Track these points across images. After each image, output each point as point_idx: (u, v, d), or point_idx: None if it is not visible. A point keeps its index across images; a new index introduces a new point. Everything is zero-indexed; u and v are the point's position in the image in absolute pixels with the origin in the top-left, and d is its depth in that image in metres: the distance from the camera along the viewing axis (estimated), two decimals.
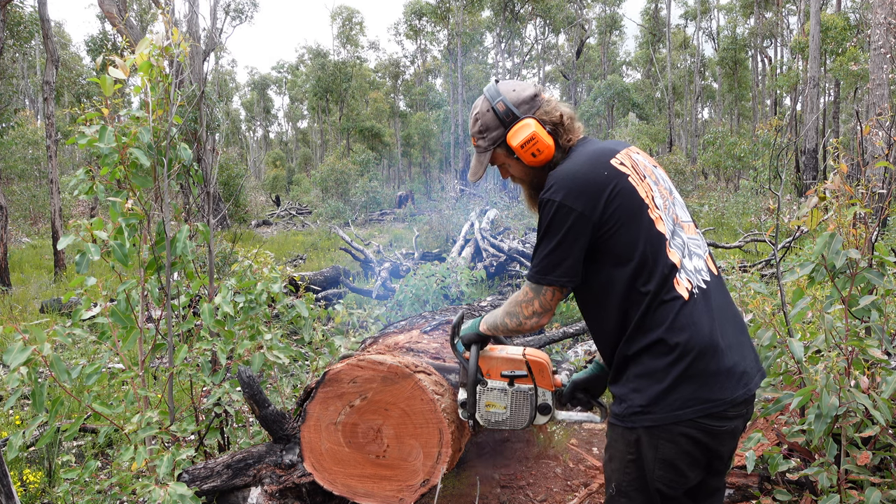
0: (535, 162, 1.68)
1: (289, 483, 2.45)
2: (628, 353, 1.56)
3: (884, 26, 9.51)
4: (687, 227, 1.66)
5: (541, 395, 1.86)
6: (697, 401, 1.48)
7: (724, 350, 1.51)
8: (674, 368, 1.49)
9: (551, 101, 1.72)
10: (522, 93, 1.70)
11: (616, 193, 1.54)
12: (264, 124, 63.99)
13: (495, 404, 1.87)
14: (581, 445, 3.69)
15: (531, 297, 1.63)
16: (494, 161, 1.78)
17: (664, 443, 1.51)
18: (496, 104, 1.70)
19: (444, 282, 5.92)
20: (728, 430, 1.53)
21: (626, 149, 1.68)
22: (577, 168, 1.59)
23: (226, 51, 51.97)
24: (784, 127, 19.98)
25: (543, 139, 1.65)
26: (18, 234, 16.64)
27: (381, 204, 25.17)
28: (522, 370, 1.85)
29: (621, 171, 1.58)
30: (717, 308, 1.56)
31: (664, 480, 1.54)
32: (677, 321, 1.50)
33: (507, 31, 32.44)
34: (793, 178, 18.32)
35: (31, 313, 7.46)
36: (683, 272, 1.55)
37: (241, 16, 35.05)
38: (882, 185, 6.73)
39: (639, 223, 1.54)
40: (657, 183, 1.65)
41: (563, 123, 1.69)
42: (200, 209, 6.54)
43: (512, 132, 1.67)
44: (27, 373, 2.18)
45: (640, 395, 1.52)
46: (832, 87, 27.03)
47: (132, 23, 14.88)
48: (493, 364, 1.88)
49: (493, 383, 1.87)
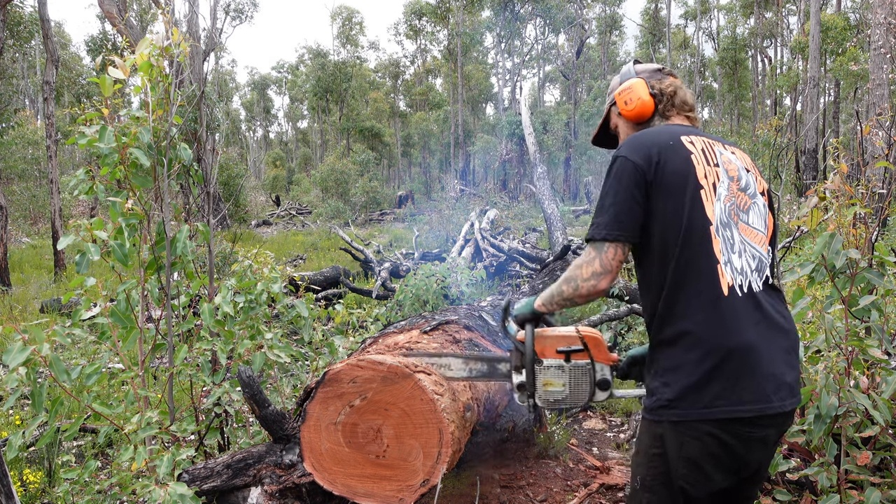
0: (628, 113, 1.77)
1: (289, 483, 2.45)
2: (660, 336, 1.54)
3: (884, 26, 9.51)
4: (752, 233, 1.61)
5: (599, 370, 1.80)
6: (727, 402, 1.44)
7: (765, 357, 1.47)
8: (703, 364, 1.45)
9: (671, 79, 1.80)
10: (649, 66, 1.83)
11: (672, 159, 1.56)
12: (264, 124, 64.02)
13: (553, 382, 1.81)
14: (581, 445, 3.69)
15: (592, 256, 1.58)
16: (609, 120, 1.90)
17: (689, 440, 1.48)
18: (623, 70, 1.85)
19: (444, 282, 5.92)
20: (758, 437, 1.48)
21: (716, 140, 1.68)
22: (647, 133, 1.65)
23: (226, 51, 52.00)
24: (784, 127, 19.98)
25: (638, 91, 1.75)
26: (18, 234, 16.65)
27: (381, 204, 25.18)
28: (578, 345, 1.79)
29: (686, 146, 1.60)
30: (765, 316, 1.52)
31: (688, 479, 1.51)
32: (710, 315, 1.47)
33: (507, 31, 32.43)
34: (793, 178, 18.33)
35: (31, 313, 7.46)
36: (729, 266, 1.52)
37: (241, 16, 35.08)
38: (882, 185, 6.73)
39: (686, 197, 1.53)
40: (733, 180, 1.61)
41: (668, 94, 1.76)
42: (200, 209, 6.55)
43: (620, 87, 1.80)
44: (26, 373, 2.18)
45: (669, 389, 1.50)
46: (832, 87, 27.04)
47: (132, 23, 14.88)
48: (546, 342, 1.82)
49: (548, 361, 1.81)
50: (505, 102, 37.54)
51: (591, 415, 4.27)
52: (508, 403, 3.19)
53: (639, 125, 1.79)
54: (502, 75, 39.09)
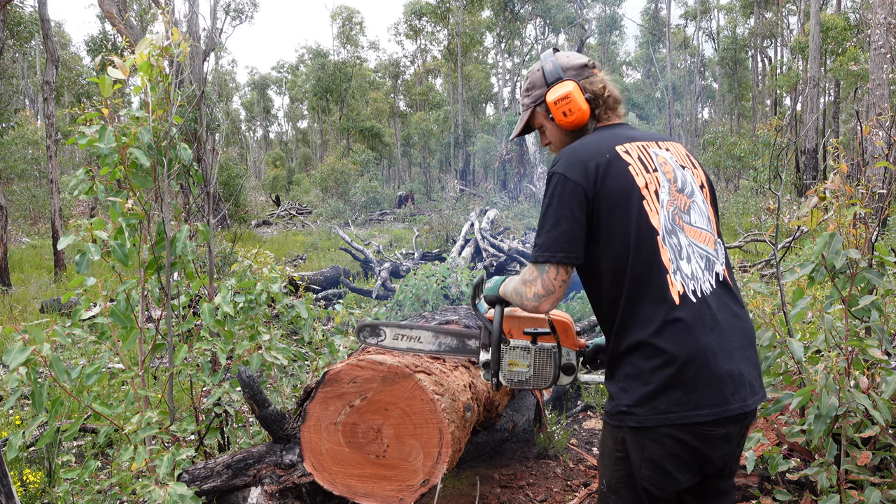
0: (566, 123, 1.70)
1: (289, 483, 2.45)
2: (619, 349, 1.55)
3: (884, 26, 9.51)
4: (698, 233, 1.61)
5: (565, 355, 1.82)
6: (684, 407, 1.45)
7: (722, 360, 1.48)
8: (660, 372, 1.47)
9: (600, 76, 1.74)
10: (574, 60, 1.74)
11: (610, 175, 1.54)
12: (264, 124, 64.03)
13: (518, 363, 1.82)
14: (581, 445, 3.69)
15: (535, 276, 1.59)
16: (534, 121, 1.82)
17: (650, 443, 1.50)
18: (546, 64, 1.75)
19: (444, 282, 5.92)
20: (719, 435, 1.49)
21: (650, 141, 1.67)
22: (583, 147, 1.61)
23: (226, 51, 52.01)
24: (784, 127, 19.97)
25: (577, 101, 1.67)
26: (18, 234, 16.64)
27: (381, 204, 25.18)
28: (545, 328, 1.81)
29: (623, 157, 1.58)
30: (719, 317, 1.53)
31: (651, 480, 1.52)
32: (665, 326, 1.48)
33: (507, 31, 32.44)
34: (793, 178, 18.32)
35: (31, 313, 7.46)
36: (678, 274, 1.52)
37: (241, 16, 35.07)
38: (882, 185, 6.73)
39: (630, 210, 1.53)
40: (672, 181, 1.62)
41: (603, 97, 1.71)
42: (200, 209, 6.55)
43: (551, 90, 1.71)
44: (26, 373, 2.18)
45: (627, 395, 1.51)
46: (832, 87, 27.03)
47: (132, 23, 14.88)
48: (515, 323, 1.83)
49: (515, 342, 1.82)
50: (505, 102, 37.54)
51: (591, 415, 4.27)
52: (508, 403, 3.19)
53: (572, 132, 1.74)
54: (502, 75, 39.12)
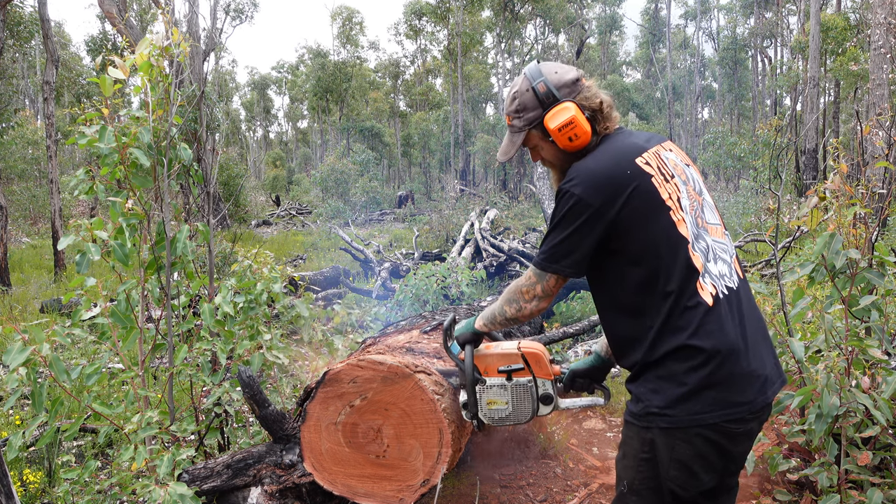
0: (571, 147, 1.66)
1: (289, 483, 2.45)
2: (650, 359, 1.54)
3: (884, 26, 9.51)
4: (713, 229, 1.64)
5: (541, 386, 1.86)
6: (718, 405, 1.47)
7: (748, 355, 1.51)
8: (696, 373, 1.48)
9: (592, 87, 1.69)
10: (565, 76, 1.67)
11: (636, 194, 1.53)
12: (264, 124, 64.01)
13: (497, 401, 1.87)
14: (581, 445, 3.69)
15: (534, 281, 1.64)
16: (527, 143, 1.75)
17: (680, 444, 1.51)
18: (537, 84, 1.66)
19: (444, 282, 5.92)
20: (744, 431, 1.52)
21: (657, 145, 1.66)
22: (600, 164, 1.58)
23: (226, 51, 51.94)
24: (784, 127, 19.97)
25: (582, 125, 1.63)
26: (18, 234, 16.64)
27: (381, 204, 25.17)
28: (519, 363, 1.85)
29: (645, 170, 1.56)
30: (741, 313, 1.56)
31: (678, 481, 1.54)
32: (703, 327, 1.49)
33: (507, 31, 32.42)
34: (793, 178, 18.32)
35: (31, 313, 7.46)
36: (708, 276, 1.54)
37: (241, 16, 35.06)
38: (882, 185, 6.73)
39: (658, 224, 1.53)
40: (686, 183, 1.63)
41: (602, 111, 1.67)
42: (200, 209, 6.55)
43: (550, 114, 1.64)
44: (26, 373, 2.18)
45: (658, 396, 1.51)
46: (832, 87, 27.02)
47: (132, 23, 14.88)
48: (489, 361, 1.88)
49: (491, 381, 1.87)
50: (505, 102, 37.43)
51: (592, 415, 4.27)
52: None
53: (576, 153, 1.69)
54: (502, 75, 39.09)
